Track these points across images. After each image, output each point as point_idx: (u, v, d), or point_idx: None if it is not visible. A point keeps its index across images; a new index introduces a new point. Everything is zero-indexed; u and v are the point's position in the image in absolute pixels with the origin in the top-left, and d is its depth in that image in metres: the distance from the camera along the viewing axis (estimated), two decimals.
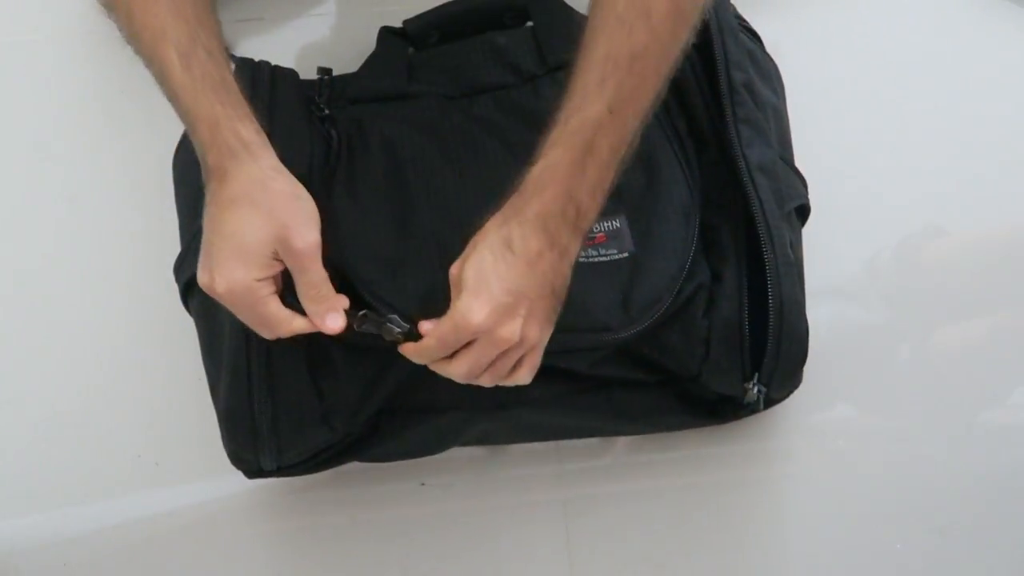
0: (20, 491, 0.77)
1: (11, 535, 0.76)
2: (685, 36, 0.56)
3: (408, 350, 0.58)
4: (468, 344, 0.56)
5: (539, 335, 0.56)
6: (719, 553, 0.77)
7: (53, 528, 0.76)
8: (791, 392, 0.70)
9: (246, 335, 0.62)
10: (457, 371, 0.57)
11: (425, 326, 0.58)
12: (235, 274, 0.55)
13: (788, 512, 0.78)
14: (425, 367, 0.60)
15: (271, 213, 0.56)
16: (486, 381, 0.58)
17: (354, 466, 0.71)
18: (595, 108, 0.54)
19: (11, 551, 0.75)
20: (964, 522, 0.78)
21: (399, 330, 0.58)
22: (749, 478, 0.78)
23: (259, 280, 0.56)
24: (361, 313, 0.59)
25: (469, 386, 0.60)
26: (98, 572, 0.76)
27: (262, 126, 0.63)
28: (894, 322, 0.82)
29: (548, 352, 0.59)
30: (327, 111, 0.70)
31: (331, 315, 0.58)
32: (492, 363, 0.56)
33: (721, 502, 0.77)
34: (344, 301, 0.59)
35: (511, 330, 0.54)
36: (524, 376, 0.58)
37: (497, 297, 0.54)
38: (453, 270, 0.57)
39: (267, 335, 0.58)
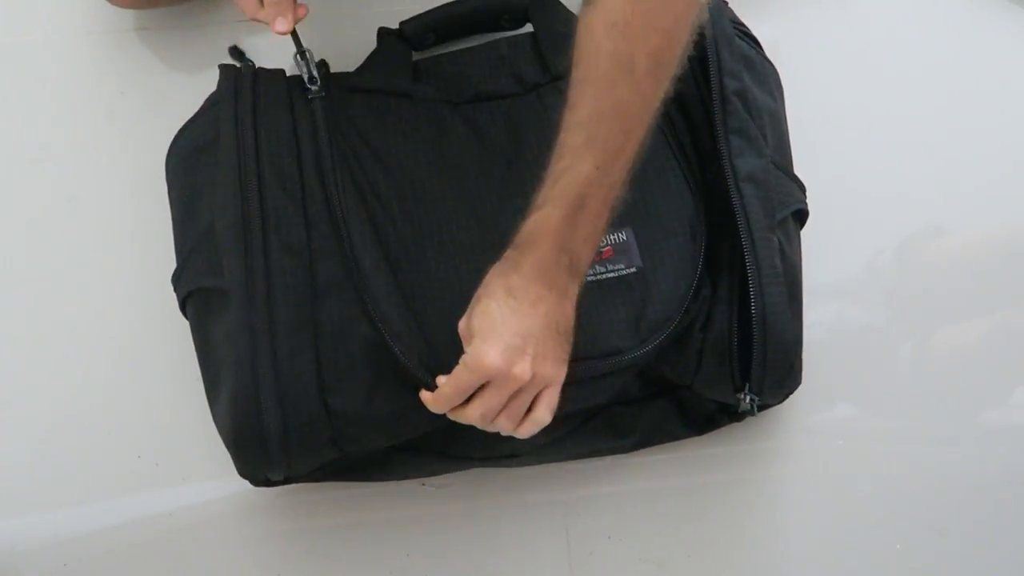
0: (20, 491, 0.77)
1: (11, 535, 0.76)
2: (667, 86, 0.57)
3: (426, 398, 0.60)
4: (483, 388, 0.58)
5: (552, 372, 0.58)
6: (719, 553, 0.77)
7: (53, 528, 0.76)
8: (789, 394, 0.70)
9: (253, 357, 0.61)
10: (473, 414, 0.58)
11: (440, 379, 0.60)
12: None
13: (788, 512, 0.78)
14: (436, 426, 0.63)
15: None
16: (503, 424, 0.59)
17: None
18: (584, 167, 0.56)
19: (11, 551, 0.75)
20: (964, 522, 0.78)
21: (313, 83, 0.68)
22: (749, 478, 0.78)
23: None
24: (307, 49, 0.69)
25: (482, 437, 0.62)
26: (98, 572, 0.76)
27: (247, 131, 0.67)
28: (894, 322, 0.82)
29: (566, 385, 0.61)
30: (314, 88, 0.70)
31: (280, 19, 0.64)
32: (506, 405, 0.58)
33: (721, 502, 0.77)
34: (300, 14, 0.65)
35: (522, 368, 0.56)
36: (543, 415, 0.59)
37: (506, 339, 0.56)
38: (461, 325, 0.59)
39: (246, 14, 0.65)
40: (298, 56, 0.70)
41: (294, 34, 0.67)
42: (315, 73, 0.69)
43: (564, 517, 0.77)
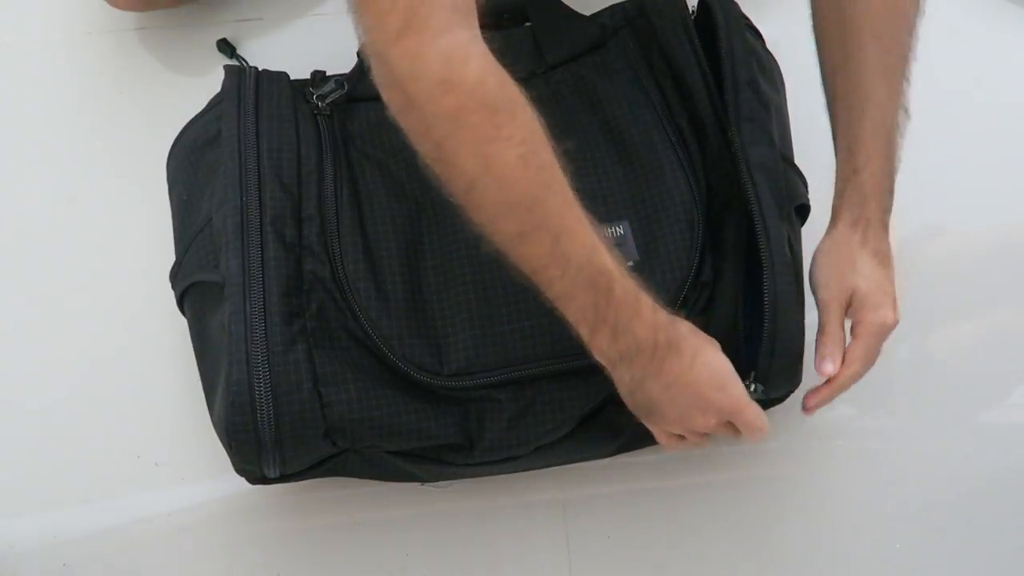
0: (20, 491, 0.77)
1: (10, 535, 0.76)
2: None
3: (835, 387, 0.64)
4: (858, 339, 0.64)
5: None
6: (719, 553, 0.77)
7: (53, 528, 0.76)
8: (790, 392, 0.70)
9: (246, 346, 0.61)
10: (861, 370, 0.64)
11: (827, 367, 0.63)
12: None
13: (788, 512, 0.78)
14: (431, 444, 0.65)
15: None
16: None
17: None
18: (890, 114, 0.62)
19: (10, 551, 0.75)
20: (964, 522, 0.77)
21: None
22: (749, 478, 0.78)
23: None
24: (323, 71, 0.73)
25: (483, 444, 0.65)
26: (98, 572, 0.76)
27: (249, 128, 0.67)
28: None
29: (557, 375, 0.64)
30: (320, 104, 0.71)
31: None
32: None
33: (721, 502, 0.77)
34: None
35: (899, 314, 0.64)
36: None
37: (893, 297, 0.64)
38: (826, 295, 0.64)
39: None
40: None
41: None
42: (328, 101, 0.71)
43: (564, 517, 0.77)
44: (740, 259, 0.66)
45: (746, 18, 0.75)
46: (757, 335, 0.64)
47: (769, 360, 0.64)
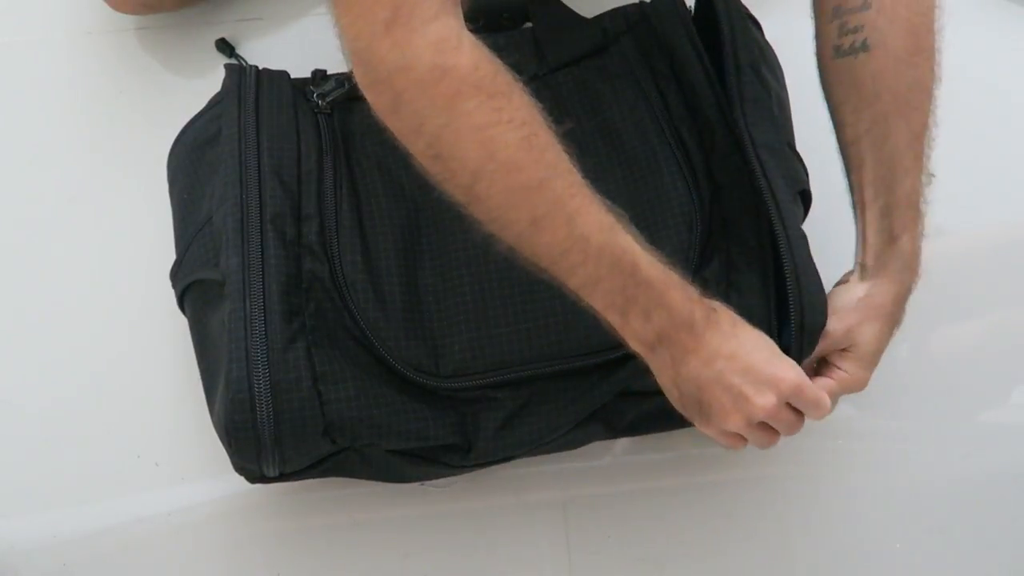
0: (20, 491, 0.77)
1: (10, 535, 0.76)
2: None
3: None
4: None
5: None
6: (719, 553, 0.77)
7: (53, 528, 0.76)
8: None
9: (246, 344, 0.61)
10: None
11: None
12: None
13: (788, 512, 0.78)
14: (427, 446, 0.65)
15: None
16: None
17: None
18: (916, 182, 0.63)
19: (10, 551, 0.75)
20: (964, 522, 0.78)
21: None
22: (749, 478, 0.78)
23: None
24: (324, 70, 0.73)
25: (479, 446, 0.65)
26: (98, 572, 0.76)
27: (249, 126, 0.67)
28: None
29: (555, 377, 0.64)
30: (320, 103, 0.71)
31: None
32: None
33: (721, 502, 0.77)
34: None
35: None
36: None
37: (877, 363, 0.64)
38: (837, 326, 0.62)
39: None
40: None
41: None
42: (328, 100, 0.71)
43: (564, 517, 0.77)
44: (765, 252, 0.65)
45: (746, 9, 0.75)
46: (786, 324, 0.63)
47: (800, 336, 0.62)
